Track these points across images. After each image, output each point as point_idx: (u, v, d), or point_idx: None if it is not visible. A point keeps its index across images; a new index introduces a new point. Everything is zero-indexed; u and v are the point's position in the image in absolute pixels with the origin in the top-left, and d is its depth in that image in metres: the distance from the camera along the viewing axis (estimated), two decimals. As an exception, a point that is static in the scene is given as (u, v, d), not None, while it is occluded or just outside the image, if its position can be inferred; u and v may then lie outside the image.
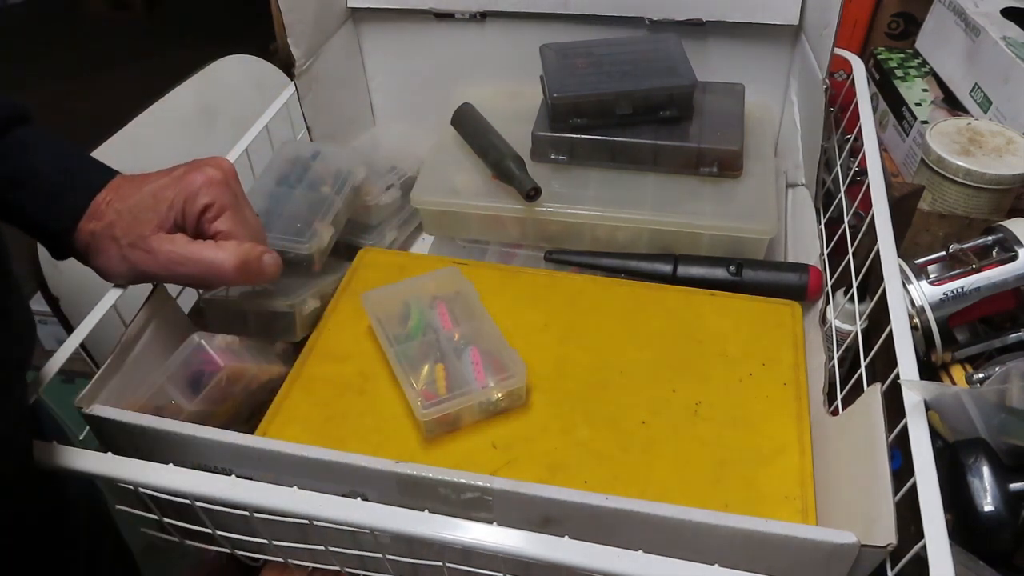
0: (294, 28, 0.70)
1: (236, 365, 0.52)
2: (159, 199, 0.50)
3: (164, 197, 0.50)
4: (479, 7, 0.77)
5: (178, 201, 0.50)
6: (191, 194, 0.50)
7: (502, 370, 0.54)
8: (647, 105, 0.69)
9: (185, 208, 0.50)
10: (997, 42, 0.79)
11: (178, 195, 0.50)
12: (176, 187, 0.50)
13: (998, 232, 0.60)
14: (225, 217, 0.51)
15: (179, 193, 0.50)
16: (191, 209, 0.50)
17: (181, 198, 0.50)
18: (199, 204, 0.50)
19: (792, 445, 0.52)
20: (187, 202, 0.50)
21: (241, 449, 0.45)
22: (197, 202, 0.50)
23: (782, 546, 0.40)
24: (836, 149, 0.69)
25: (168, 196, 0.50)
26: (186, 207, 0.50)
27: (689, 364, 0.58)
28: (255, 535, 0.48)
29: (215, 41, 1.72)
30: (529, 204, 0.67)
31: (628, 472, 0.51)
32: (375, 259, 0.68)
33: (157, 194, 0.50)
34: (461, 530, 0.40)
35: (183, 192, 0.50)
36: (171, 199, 0.50)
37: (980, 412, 0.48)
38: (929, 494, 0.39)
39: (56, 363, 0.49)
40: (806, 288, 0.63)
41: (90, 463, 0.43)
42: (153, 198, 0.50)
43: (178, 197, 0.50)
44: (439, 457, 0.52)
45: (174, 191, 0.50)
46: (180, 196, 0.50)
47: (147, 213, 0.50)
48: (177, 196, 0.50)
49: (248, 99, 1.03)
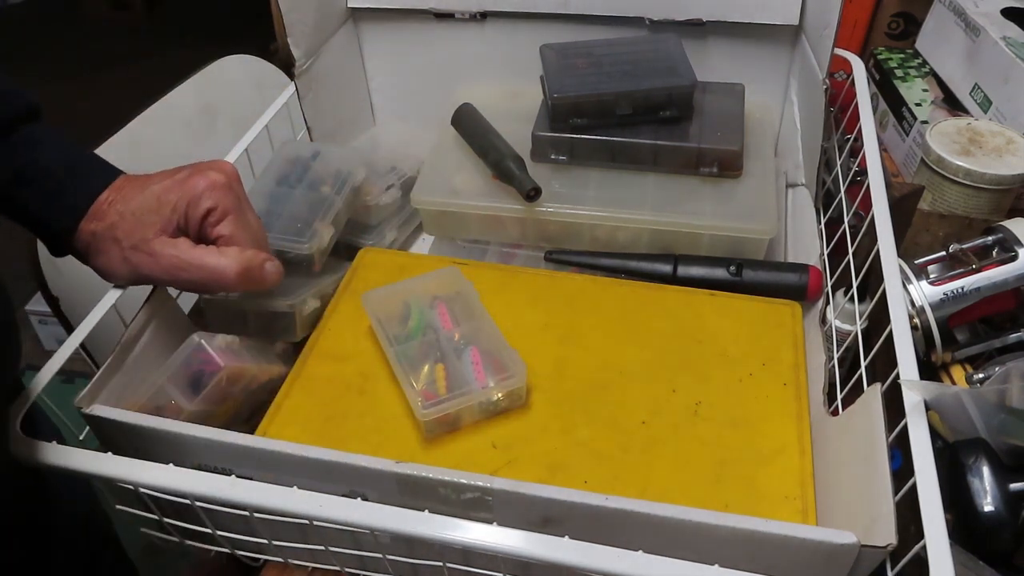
0: (294, 28, 0.70)
1: (236, 365, 0.52)
2: (162, 202, 0.50)
3: (167, 200, 0.50)
4: (479, 7, 0.77)
5: (181, 204, 0.50)
6: (194, 198, 0.50)
7: (502, 370, 0.54)
8: (647, 105, 0.69)
9: (188, 212, 0.50)
10: (997, 42, 0.79)
11: (181, 198, 0.50)
12: (179, 190, 0.50)
13: (998, 232, 0.60)
14: (228, 221, 0.51)
15: (182, 196, 0.50)
16: (194, 213, 0.50)
17: (184, 201, 0.50)
18: (202, 208, 0.50)
19: (792, 445, 0.52)
20: (190, 206, 0.50)
21: (241, 449, 0.45)
22: (200, 206, 0.50)
23: (782, 546, 0.40)
24: (836, 149, 0.69)
25: (171, 199, 0.50)
26: (189, 211, 0.50)
27: (689, 364, 0.58)
28: (255, 535, 0.48)
29: (215, 41, 1.72)
30: (529, 204, 0.67)
31: (628, 472, 0.51)
32: (375, 259, 0.68)
33: (160, 197, 0.50)
34: (461, 530, 0.40)
35: (186, 195, 0.50)
36: (174, 202, 0.50)
37: (980, 412, 0.48)
38: (929, 494, 0.39)
39: (56, 363, 0.49)
40: (806, 288, 0.63)
41: (90, 463, 0.43)
42: (156, 201, 0.50)
43: (181, 200, 0.50)
44: (439, 457, 0.52)
45: (177, 194, 0.50)
46: (183, 200, 0.50)
47: (150, 216, 0.50)
48: (180, 199, 0.50)
49: (248, 99, 1.03)
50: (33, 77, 2.77)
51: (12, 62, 2.88)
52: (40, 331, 1.66)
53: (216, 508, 0.44)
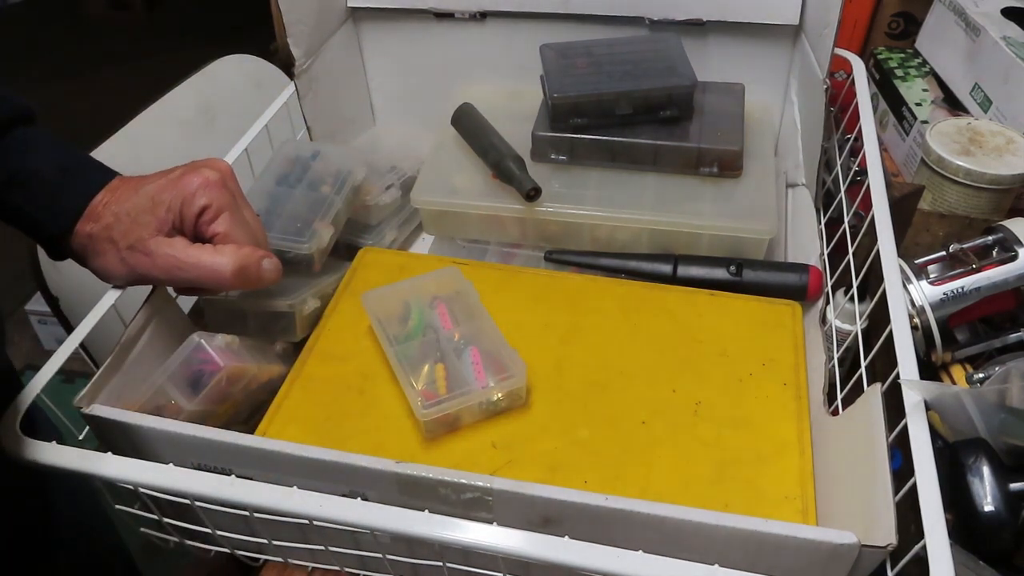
0: (294, 28, 0.69)
1: (236, 365, 0.52)
2: (157, 202, 0.50)
3: (162, 200, 0.50)
4: (479, 7, 0.77)
5: (175, 203, 0.50)
6: (188, 196, 0.50)
7: (502, 370, 0.54)
8: (647, 105, 0.69)
9: (183, 210, 0.50)
10: (997, 42, 0.79)
11: (175, 197, 0.50)
12: (173, 189, 0.50)
13: (998, 232, 0.60)
14: (223, 219, 0.50)
15: (176, 195, 0.50)
16: (188, 211, 0.50)
17: (178, 200, 0.50)
18: (196, 206, 0.50)
19: (792, 445, 0.52)
20: (184, 204, 0.50)
21: (241, 449, 0.45)
22: (194, 204, 0.50)
23: (782, 546, 0.40)
24: (836, 149, 0.69)
25: (165, 199, 0.50)
26: (183, 209, 0.50)
27: (689, 364, 0.58)
28: (255, 535, 0.48)
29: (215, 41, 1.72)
30: (529, 204, 0.67)
31: (628, 472, 0.51)
32: (375, 259, 0.68)
33: (155, 197, 0.50)
34: (461, 530, 0.40)
35: (180, 194, 0.50)
36: (168, 202, 0.50)
37: (980, 412, 0.48)
38: (929, 494, 0.39)
39: (56, 363, 0.49)
40: (806, 288, 0.63)
41: (89, 463, 0.43)
42: (151, 201, 0.50)
43: (175, 199, 0.50)
44: (439, 457, 0.52)
45: (171, 193, 0.50)
46: (177, 198, 0.50)
47: (145, 216, 0.49)
48: (174, 198, 0.50)
49: (248, 99, 1.03)
50: (33, 77, 2.78)
51: (12, 62, 2.88)
52: (40, 331, 1.66)
53: (216, 508, 0.44)
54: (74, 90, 2.66)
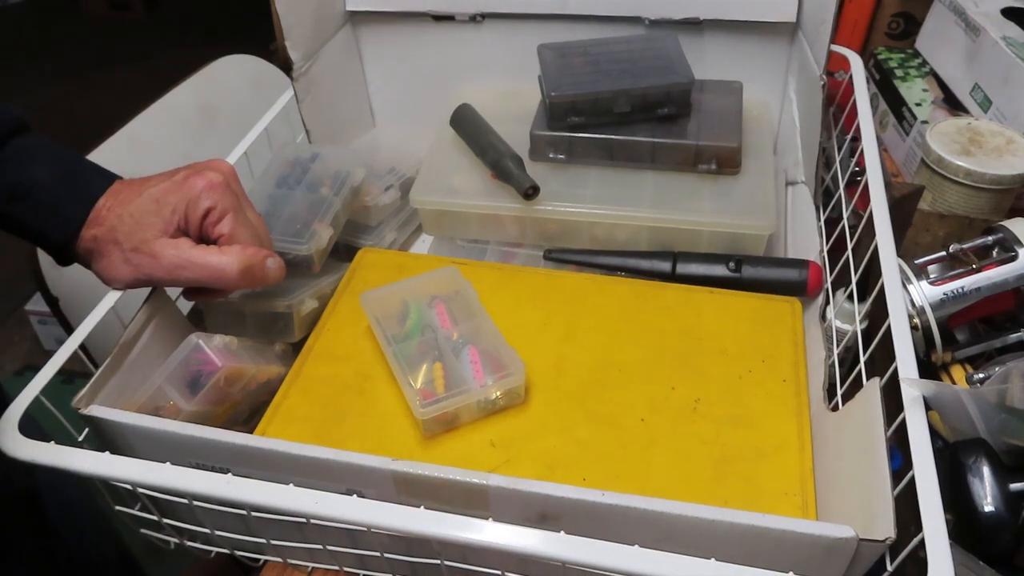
0: (292, 31, 0.69)
1: (234, 366, 0.52)
2: (162, 204, 0.50)
3: (167, 202, 0.50)
4: (477, 9, 0.77)
5: (180, 205, 0.50)
6: (193, 198, 0.50)
7: (500, 368, 0.54)
8: (645, 103, 0.69)
9: (188, 212, 0.50)
10: (997, 42, 0.79)
11: (180, 200, 0.50)
12: (178, 192, 0.50)
13: (998, 232, 0.60)
14: (227, 220, 0.51)
15: (181, 198, 0.50)
16: (193, 213, 0.50)
17: (183, 203, 0.50)
18: (201, 208, 0.50)
19: (792, 441, 0.52)
20: (189, 206, 0.50)
21: (240, 449, 0.45)
22: (199, 206, 0.50)
23: (781, 541, 0.40)
24: (835, 147, 0.69)
25: (171, 201, 0.50)
26: (188, 211, 0.50)
27: (688, 361, 0.58)
28: (254, 535, 0.48)
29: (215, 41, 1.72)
30: (528, 203, 0.67)
31: (627, 470, 0.51)
32: (374, 259, 0.68)
33: (159, 199, 0.50)
34: (459, 527, 0.40)
35: (185, 196, 0.50)
36: (173, 204, 0.50)
37: (980, 412, 0.48)
38: (927, 486, 0.39)
39: (56, 363, 0.49)
40: (806, 284, 0.63)
41: (88, 463, 0.43)
42: (155, 203, 0.50)
43: (180, 202, 0.50)
44: (438, 456, 0.52)
45: (176, 196, 0.50)
46: (182, 201, 0.50)
47: (150, 218, 0.50)
48: (179, 201, 0.50)
49: (248, 99, 1.03)
50: (33, 77, 2.78)
51: (12, 62, 2.88)
52: (40, 331, 1.66)
53: (215, 508, 0.44)
54: (74, 90, 2.66)
